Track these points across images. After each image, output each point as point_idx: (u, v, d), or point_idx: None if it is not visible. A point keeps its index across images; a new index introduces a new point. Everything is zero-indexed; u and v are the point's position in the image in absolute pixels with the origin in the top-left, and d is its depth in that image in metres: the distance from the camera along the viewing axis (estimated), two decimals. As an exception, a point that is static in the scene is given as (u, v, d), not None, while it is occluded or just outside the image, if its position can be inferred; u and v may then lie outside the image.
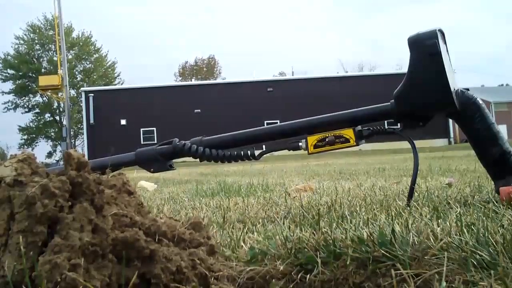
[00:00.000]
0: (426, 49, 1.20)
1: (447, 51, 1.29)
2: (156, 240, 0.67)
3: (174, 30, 64.66)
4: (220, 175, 5.07)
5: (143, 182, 3.63)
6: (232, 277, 0.70)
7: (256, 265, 0.76)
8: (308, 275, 0.71)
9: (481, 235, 0.76)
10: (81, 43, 35.28)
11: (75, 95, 34.04)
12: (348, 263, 0.73)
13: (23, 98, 34.89)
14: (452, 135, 26.21)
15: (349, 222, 1.04)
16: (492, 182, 1.31)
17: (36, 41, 34.73)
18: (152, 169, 1.40)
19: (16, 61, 33.70)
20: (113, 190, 0.67)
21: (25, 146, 34.85)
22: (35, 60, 34.53)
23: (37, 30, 34.72)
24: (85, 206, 0.60)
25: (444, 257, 0.66)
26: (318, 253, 0.77)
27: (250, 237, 1.02)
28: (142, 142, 23.20)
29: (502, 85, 51.38)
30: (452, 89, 1.20)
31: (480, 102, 1.25)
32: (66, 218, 0.60)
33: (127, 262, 0.62)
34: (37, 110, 35.43)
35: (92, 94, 26.29)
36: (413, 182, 1.30)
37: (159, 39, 61.75)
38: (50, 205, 0.59)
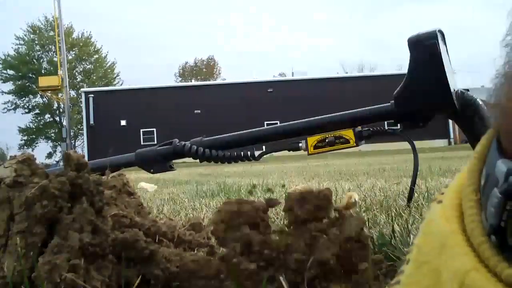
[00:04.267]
0: (426, 50, 1.20)
1: (447, 51, 1.29)
2: (156, 240, 0.67)
3: (174, 30, 64.68)
4: (220, 175, 5.07)
5: (143, 183, 3.63)
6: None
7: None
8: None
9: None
10: (81, 44, 35.28)
11: (75, 95, 34.03)
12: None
13: (23, 98, 34.89)
14: (452, 135, 26.21)
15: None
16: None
17: (36, 42, 34.72)
18: (152, 170, 1.40)
19: (16, 62, 33.70)
20: (113, 191, 0.67)
21: (25, 147, 34.85)
22: (35, 60, 34.52)
23: (37, 31, 34.72)
24: (84, 207, 0.60)
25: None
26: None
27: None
28: (142, 143, 23.17)
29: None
30: (452, 89, 1.20)
31: (480, 102, 1.25)
32: (65, 219, 0.59)
33: (127, 263, 0.62)
34: (37, 111, 35.42)
35: (92, 95, 26.29)
36: (413, 182, 1.30)
37: (158, 39, 61.77)
38: (50, 206, 0.59)
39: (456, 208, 0.29)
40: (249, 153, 1.38)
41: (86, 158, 0.69)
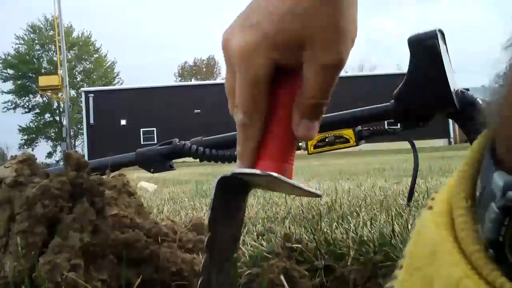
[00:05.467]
0: (426, 49, 1.20)
1: (447, 51, 1.29)
2: (157, 241, 0.67)
3: (174, 30, 64.66)
4: (220, 175, 5.05)
5: (143, 182, 3.63)
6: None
7: (256, 266, 0.76)
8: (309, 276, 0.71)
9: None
10: (81, 43, 35.26)
11: (75, 95, 34.01)
12: (349, 263, 0.73)
13: (23, 98, 34.88)
14: (452, 135, 26.20)
15: (350, 222, 1.04)
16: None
17: (36, 41, 34.71)
18: (152, 169, 1.40)
19: (16, 61, 33.69)
20: (114, 191, 0.67)
21: (25, 147, 34.85)
22: (35, 60, 34.51)
23: (37, 30, 34.70)
24: (85, 207, 0.60)
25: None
26: (318, 253, 0.77)
27: (251, 237, 1.03)
28: (142, 142, 23.17)
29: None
30: (452, 89, 1.20)
31: (480, 102, 1.25)
32: (66, 218, 0.60)
33: (128, 263, 0.62)
34: (37, 111, 35.40)
35: (92, 94, 26.28)
36: (413, 182, 1.30)
37: (158, 39, 61.74)
38: (50, 205, 0.59)
39: (446, 215, 0.29)
40: (249, 152, 1.37)
41: (86, 158, 0.69)
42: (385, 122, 1.38)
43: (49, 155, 36.03)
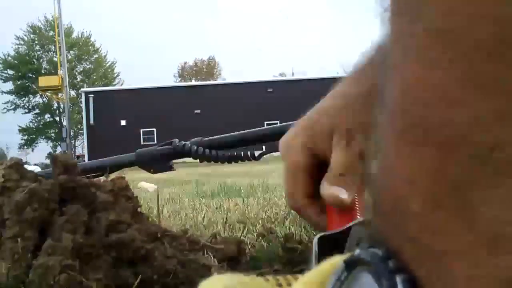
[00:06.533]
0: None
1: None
2: (153, 240, 0.66)
3: (174, 31, 64.76)
4: (220, 175, 5.06)
5: (143, 183, 3.63)
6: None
7: (256, 267, 0.74)
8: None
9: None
10: (81, 43, 35.28)
11: (75, 95, 34.02)
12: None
13: (23, 98, 34.89)
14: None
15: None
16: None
17: (36, 42, 34.73)
18: (152, 170, 1.39)
19: (16, 62, 33.71)
20: (110, 195, 0.66)
21: (25, 147, 34.90)
22: (35, 60, 34.52)
23: (37, 31, 34.73)
24: (77, 208, 0.59)
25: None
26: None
27: (250, 238, 1.02)
28: (142, 143, 23.17)
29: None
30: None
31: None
32: (58, 220, 0.58)
33: (123, 263, 0.61)
34: (37, 111, 35.42)
35: (92, 95, 26.27)
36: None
37: (158, 39, 61.81)
38: (40, 209, 0.58)
39: None
40: (249, 153, 1.36)
41: (86, 158, 0.68)
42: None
43: (49, 155, 36.00)
